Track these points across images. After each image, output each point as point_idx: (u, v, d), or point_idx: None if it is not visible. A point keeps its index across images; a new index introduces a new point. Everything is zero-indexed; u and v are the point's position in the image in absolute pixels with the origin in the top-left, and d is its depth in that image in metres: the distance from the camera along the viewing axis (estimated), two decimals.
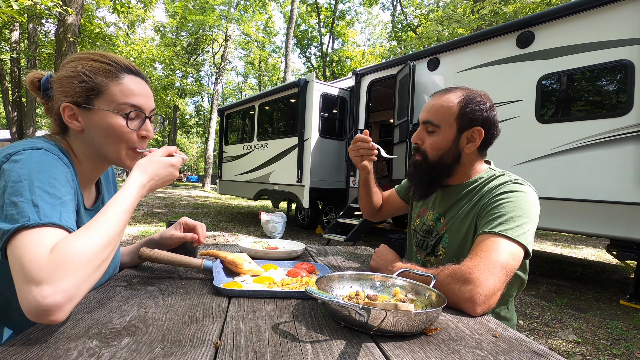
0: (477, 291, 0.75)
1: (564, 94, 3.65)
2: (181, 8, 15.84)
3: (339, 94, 6.72)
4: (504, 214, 0.89)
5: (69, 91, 0.76)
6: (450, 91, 1.03)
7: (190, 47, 22.96)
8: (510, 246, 0.84)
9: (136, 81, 0.80)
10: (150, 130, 0.83)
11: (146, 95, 0.81)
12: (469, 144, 1.02)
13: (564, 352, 2.40)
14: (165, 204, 11.13)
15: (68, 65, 0.78)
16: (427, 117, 1.03)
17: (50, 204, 0.61)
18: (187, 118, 34.27)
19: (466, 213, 1.01)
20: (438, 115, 1.01)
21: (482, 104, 1.00)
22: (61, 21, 6.88)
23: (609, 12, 3.28)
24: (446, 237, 1.06)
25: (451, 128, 1.01)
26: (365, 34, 36.01)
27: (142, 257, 0.95)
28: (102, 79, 0.76)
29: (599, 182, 3.29)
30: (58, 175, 0.66)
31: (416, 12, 18.35)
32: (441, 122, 1.01)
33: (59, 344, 0.53)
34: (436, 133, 1.02)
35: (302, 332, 0.61)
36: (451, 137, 1.01)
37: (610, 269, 5.09)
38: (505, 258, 0.81)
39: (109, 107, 0.76)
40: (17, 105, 11.50)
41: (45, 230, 0.57)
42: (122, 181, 26.90)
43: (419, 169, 1.07)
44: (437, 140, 1.02)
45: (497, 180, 1.00)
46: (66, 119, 0.77)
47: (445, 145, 1.02)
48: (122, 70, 0.79)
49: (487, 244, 0.84)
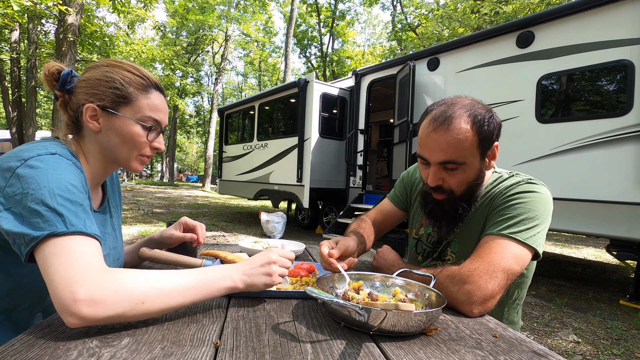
0: (475, 293, 0.75)
1: (564, 94, 3.65)
2: (181, 8, 15.85)
3: (339, 94, 6.72)
4: (515, 215, 0.85)
5: (98, 94, 0.78)
6: (454, 117, 0.86)
7: (190, 47, 22.96)
8: (516, 249, 0.81)
9: (161, 98, 0.85)
10: (162, 143, 0.88)
11: (166, 112, 0.87)
12: (491, 162, 0.95)
13: (564, 352, 2.40)
14: (165, 204, 11.13)
15: (101, 69, 0.80)
16: (445, 158, 0.87)
17: (74, 212, 0.63)
18: (187, 118, 34.26)
19: (478, 216, 0.97)
20: (458, 152, 0.86)
21: (490, 117, 0.89)
22: (61, 21, 6.88)
23: (609, 12, 3.28)
24: (455, 242, 1.02)
25: (476, 158, 0.89)
26: (365, 34, 36.08)
27: (142, 257, 0.95)
28: (134, 90, 0.80)
29: (599, 182, 3.29)
30: (75, 182, 0.68)
31: (416, 12, 18.35)
32: (465, 158, 0.87)
33: (59, 344, 0.53)
34: (460, 170, 0.89)
35: (302, 332, 0.61)
36: (478, 166, 0.91)
37: (610, 269, 5.09)
38: (508, 262, 0.79)
39: (133, 116, 0.80)
40: (17, 105, 11.49)
41: (74, 239, 0.60)
42: (122, 181, 26.93)
43: (447, 208, 0.95)
44: (463, 177, 0.90)
45: (509, 181, 0.96)
46: (86, 118, 0.79)
47: (474, 177, 0.92)
48: (152, 86, 0.84)
49: (491, 246, 0.82)
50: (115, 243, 0.92)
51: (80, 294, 0.54)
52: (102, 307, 0.55)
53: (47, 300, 0.76)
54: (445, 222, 0.98)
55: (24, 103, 11.28)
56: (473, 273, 0.77)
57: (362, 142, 6.09)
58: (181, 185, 27.47)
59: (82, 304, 0.53)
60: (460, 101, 0.91)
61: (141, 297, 0.58)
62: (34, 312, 0.77)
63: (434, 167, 0.90)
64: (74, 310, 0.53)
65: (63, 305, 0.54)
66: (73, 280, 0.55)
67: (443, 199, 0.94)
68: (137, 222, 7.17)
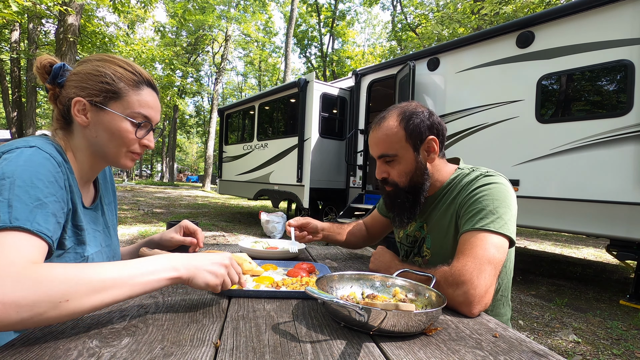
0: (471, 293, 0.76)
1: (564, 94, 3.65)
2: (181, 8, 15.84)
3: (339, 94, 6.72)
4: (482, 208, 0.90)
5: (87, 87, 0.78)
6: (386, 117, 1.02)
7: (190, 47, 22.95)
8: (494, 239, 0.85)
9: (152, 95, 0.84)
10: (152, 141, 0.86)
11: (157, 109, 0.86)
12: (430, 155, 1.02)
13: (564, 352, 2.40)
14: (165, 204, 11.13)
15: (92, 63, 0.80)
16: (380, 152, 1.02)
17: (27, 205, 0.60)
18: (187, 118, 34.27)
19: (444, 211, 1.03)
20: (388, 145, 1.00)
21: (421, 114, 1.00)
22: (61, 21, 6.89)
23: (609, 12, 3.28)
24: (429, 238, 1.08)
25: (407, 150, 1.00)
26: (365, 34, 36.12)
27: (142, 257, 0.95)
28: (124, 86, 0.80)
29: (599, 182, 3.29)
30: (43, 175, 0.65)
31: (416, 11, 18.34)
32: (395, 150, 1.00)
33: (59, 344, 0.53)
34: (396, 161, 1.01)
35: (302, 332, 0.61)
36: (412, 158, 1.00)
37: (610, 269, 5.09)
38: (491, 252, 0.82)
39: (123, 112, 0.80)
40: (17, 105, 11.50)
41: (10, 234, 0.56)
42: (121, 180, 26.96)
43: (394, 198, 1.05)
44: (400, 168, 1.01)
45: (469, 177, 1.01)
46: (74, 112, 0.78)
47: (410, 168, 1.01)
48: (144, 83, 0.83)
49: (471, 242, 0.85)
50: (109, 241, 0.92)
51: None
52: (14, 309, 0.47)
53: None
54: (397, 212, 1.06)
55: (24, 103, 11.28)
56: (463, 271, 0.79)
57: (362, 142, 6.09)
58: (181, 185, 27.47)
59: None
60: (396, 105, 1.05)
61: (65, 294, 0.51)
62: None
63: (378, 162, 1.05)
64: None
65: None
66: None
67: (391, 190, 1.05)
68: (137, 222, 7.17)
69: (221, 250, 1.20)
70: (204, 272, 0.67)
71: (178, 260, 0.66)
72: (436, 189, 1.07)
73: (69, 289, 0.52)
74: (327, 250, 1.42)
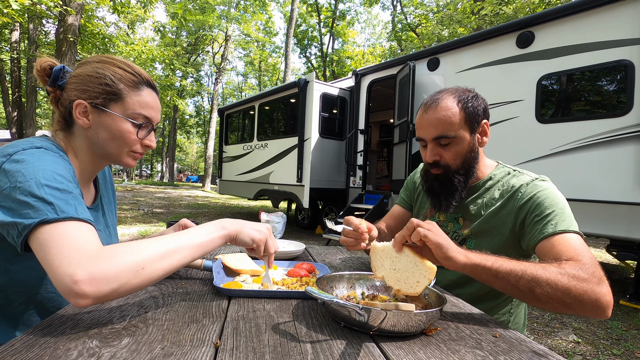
0: (610, 292, 0.73)
1: (564, 94, 3.65)
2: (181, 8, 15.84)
3: (339, 94, 6.72)
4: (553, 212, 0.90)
5: (88, 90, 0.78)
6: (442, 99, 0.99)
7: (190, 47, 22.96)
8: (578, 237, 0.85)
9: (152, 95, 0.85)
10: (153, 141, 0.87)
11: (158, 110, 0.86)
12: (482, 139, 1.03)
13: (564, 352, 2.40)
14: (165, 204, 11.13)
15: (92, 65, 0.80)
16: (437, 133, 0.98)
17: (63, 200, 0.62)
18: (187, 118, 34.27)
19: (496, 215, 0.99)
20: (447, 126, 0.97)
21: (475, 97, 1.01)
22: (61, 21, 6.89)
23: (609, 12, 3.28)
24: (472, 240, 1.03)
25: (466, 132, 0.99)
26: (365, 34, 36.08)
27: None
28: (124, 87, 0.80)
29: (599, 182, 3.29)
30: (62, 171, 0.68)
31: (416, 12, 18.34)
32: (455, 131, 0.98)
33: (59, 344, 0.53)
34: (453, 143, 0.99)
35: (302, 332, 0.61)
36: (468, 140, 1.00)
37: (610, 269, 5.09)
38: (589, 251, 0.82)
39: (123, 113, 0.80)
40: (17, 105, 11.50)
41: (66, 225, 0.60)
42: (121, 181, 26.93)
43: (444, 181, 1.02)
44: (457, 150, 0.99)
45: (518, 180, 1.00)
46: (76, 115, 0.79)
47: (465, 151, 1.00)
48: (143, 83, 0.83)
49: (576, 242, 0.83)
50: (109, 240, 0.93)
51: (78, 275, 0.53)
52: (104, 282, 0.55)
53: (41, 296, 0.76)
54: (443, 196, 1.03)
55: (24, 103, 11.27)
56: (595, 267, 0.75)
57: (362, 142, 6.09)
58: (181, 185, 27.47)
59: (83, 284, 0.53)
60: (447, 89, 1.04)
61: (141, 263, 0.58)
62: (28, 308, 0.77)
63: (430, 144, 1.01)
64: (78, 291, 0.53)
65: (66, 289, 0.54)
66: (69, 263, 0.54)
67: (440, 173, 1.02)
68: (137, 222, 7.17)
69: (220, 250, 1.20)
70: (249, 229, 0.74)
71: (226, 221, 0.73)
72: (478, 179, 1.06)
73: (142, 258, 0.59)
74: (327, 250, 1.42)
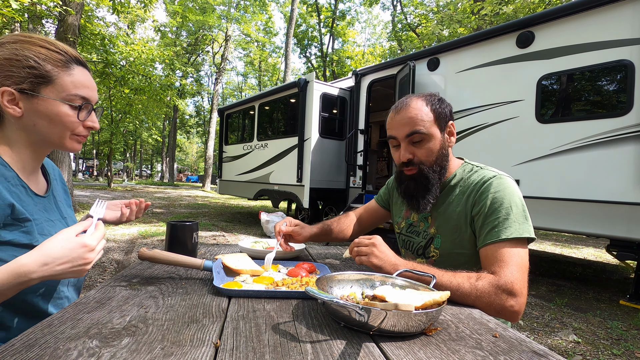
0: (521, 302, 0.83)
1: (564, 94, 3.65)
2: (181, 8, 15.85)
3: (339, 94, 6.71)
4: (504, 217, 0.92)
5: (11, 75, 0.71)
6: (412, 101, 1.04)
7: (190, 47, 22.96)
8: (523, 244, 0.90)
9: (84, 73, 0.79)
10: (95, 121, 0.82)
11: (93, 88, 0.81)
12: (450, 139, 1.07)
13: (564, 352, 2.40)
14: (165, 204, 11.13)
15: (8, 47, 0.72)
16: (410, 130, 1.02)
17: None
18: (187, 118, 34.28)
19: (453, 210, 1.04)
20: (420, 123, 1.01)
21: (442, 100, 1.06)
22: (61, 21, 6.88)
23: (609, 12, 3.28)
24: (438, 238, 1.06)
25: (436, 130, 1.03)
26: (365, 34, 36.12)
27: (142, 257, 0.95)
28: (52, 68, 0.74)
29: (599, 182, 3.29)
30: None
31: (416, 12, 18.33)
32: (427, 128, 1.02)
33: (59, 344, 0.53)
34: (425, 140, 1.02)
35: (302, 332, 0.61)
36: (439, 138, 1.04)
37: (610, 269, 5.09)
38: (525, 259, 0.88)
39: (58, 96, 0.74)
40: None
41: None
42: (121, 181, 26.84)
43: (420, 180, 1.04)
44: (429, 147, 1.03)
45: (477, 176, 1.03)
46: (3, 104, 0.72)
47: (437, 148, 1.03)
48: (73, 61, 0.77)
49: (507, 252, 0.88)
50: None
51: None
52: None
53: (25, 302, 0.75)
54: (420, 195, 1.04)
55: None
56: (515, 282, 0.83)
57: (362, 142, 6.09)
58: (181, 185, 27.47)
59: None
60: (414, 94, 1.09)
61: None
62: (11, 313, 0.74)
63: (403, 143, 1.04)
64: None
65: None
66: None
67: (415, 172, 1.05)
68: (136, 222, 7.17)
69: (221, 249, 1.20)
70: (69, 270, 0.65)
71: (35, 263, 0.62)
72: (445, 178, 1.08)
73: None
74: (327, 250, 1.41)
